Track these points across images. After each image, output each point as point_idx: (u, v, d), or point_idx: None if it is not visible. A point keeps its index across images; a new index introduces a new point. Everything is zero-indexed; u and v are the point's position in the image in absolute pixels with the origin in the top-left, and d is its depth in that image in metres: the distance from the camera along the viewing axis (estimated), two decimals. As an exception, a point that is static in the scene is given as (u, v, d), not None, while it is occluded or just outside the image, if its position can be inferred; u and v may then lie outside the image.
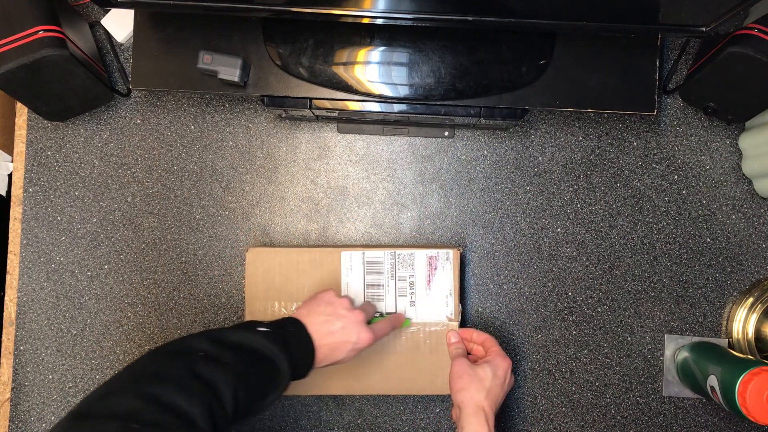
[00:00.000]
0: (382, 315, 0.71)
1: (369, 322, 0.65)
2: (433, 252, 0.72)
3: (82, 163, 0.77)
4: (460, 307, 0.72)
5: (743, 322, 0.75)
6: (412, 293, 0.72)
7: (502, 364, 0.65)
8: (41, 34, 0.62)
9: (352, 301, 0.65)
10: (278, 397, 0.56)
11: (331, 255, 0.72)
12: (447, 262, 0.72)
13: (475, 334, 0.70)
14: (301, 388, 0.71)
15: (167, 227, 0.77)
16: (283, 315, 0.71)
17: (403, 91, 0.67)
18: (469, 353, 0.70)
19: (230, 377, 0.50)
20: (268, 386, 0.55)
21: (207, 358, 0.51)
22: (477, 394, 0.62)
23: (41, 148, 0.77)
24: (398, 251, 0.72)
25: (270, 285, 0.71)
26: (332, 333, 0.61)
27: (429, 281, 0.72)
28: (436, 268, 0.72)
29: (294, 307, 0.71)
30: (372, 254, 0.72)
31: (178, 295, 0.76)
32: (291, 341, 0.58)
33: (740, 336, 0.75)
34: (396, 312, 0.71)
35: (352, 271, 0.72)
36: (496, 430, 0.73)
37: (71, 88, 0.69)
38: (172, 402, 0.46)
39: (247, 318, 0.72)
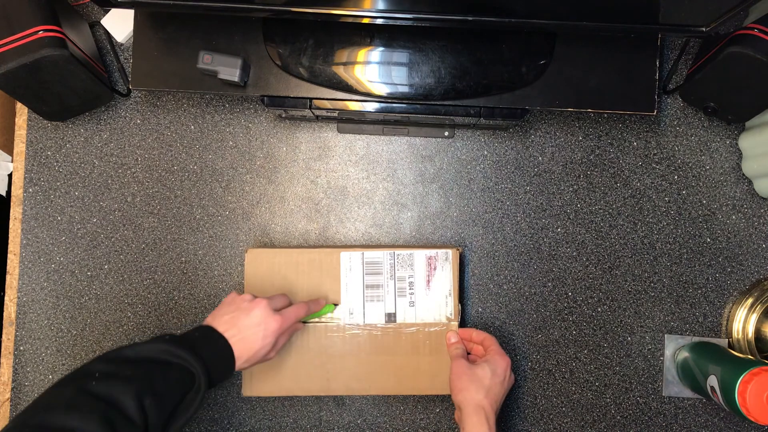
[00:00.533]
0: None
1: None
2: (432, 252, 0.72)
3: (82, 163, 0.77)
4: (459, 307, 0.72)
5: (743, 322, 0.75)
6: (411, 293, 0.72)
7: (501, 363, 0.65)
8: (41, 34, 0.62)
9: (253, 295, 0.64)
10: (201, 400, 0.55)
11: (330, 255, 0.72)
12: (446, 262, 0.72)
13: (474, 334, 0.70)
14: (301, 389, 0.71)
15: (167, 227, 0.77)
16: (310, 300, 0.70)
17: (403, 91, 0.67)
18: (469, 353, 0.71)
19: (131, 388, 0.50)
20: (183, 392, 0.54)
21: (102, 376, 0.51)
22: (476, 393, 0.62)
23: (41, 148, 0.77)
24: (397, 251, 0.72)
25: (269, 286, 0.71)
26: (241, 327, 0.60)
27: (428, 281, 0.72)
28: (435, 268, 0.72)
29: None
30: (371, 254, 0.72)
31: (178, 295, 0.76)
32: (198, 343, 0.57)
33: (740, 336, 0.75)
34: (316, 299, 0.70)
35: (352, 271, 0.72)
36: (497, 430, 0.73)
37: (71, 88, 0.69)
38: (60, 425, 0.46)
39: None
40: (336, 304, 0.71)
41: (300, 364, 0.71)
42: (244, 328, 0.60)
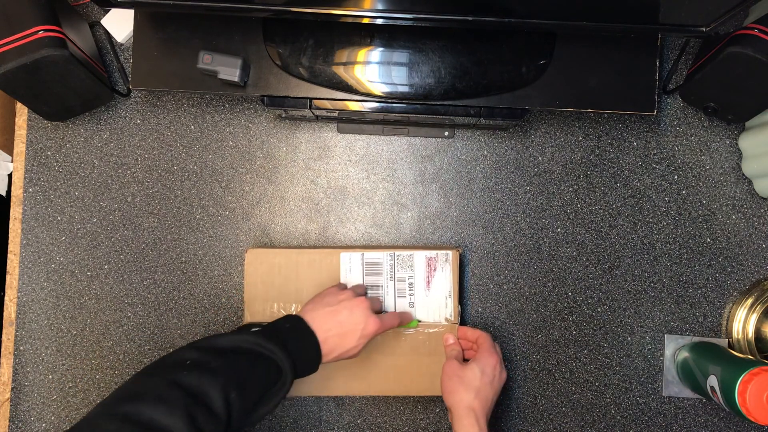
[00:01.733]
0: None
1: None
2: (432, 253, 0.72)
3: (82, 163, 0.77)
4: (459, 309, 0.72)
5: (743, 322, 0.75)
6: (411, 294, 0.72)
7: (489, 361, 0.64)
8: (41, 34, 0.62)
9: (355, 292, 0.65)
10: (285, 394, 0.56)
11: (330, 256, 0.72)
12: (446, 263, 0.72)
13: (469, 332, 0.70)
14: (301, 389, 0.71)
15: (167, 227, 0.77)
16: (282, 316, 0.71)
17: (403, 91, 0.67)
18: (467, 351, 0.70)
19: (219, 381, 0.50)
20: (269, 384, 0.55)
21: (192, 366, 0.51)
22: (466, 395, 0.62)
23: (41, 148, 0.77)
24: (397, 252, 0.72)
25: (269, 286, 0.71)
26: (340, 323, 0.61)
27: (428, 282, 0.72)
28: (435, 269, 0.72)
29: (293, 308, 0.71)
30: (371, 255, 0.72)
31: (178, 295, 0.76)
32: (287, 336, 0.58)
33: (740, 336, 0.75)
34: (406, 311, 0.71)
35: (351, 272, 0.72)
36: (496, 430, 0.73)
37: (71, 88, 0.69)
38: (147, 417, 0.46)
39: (246, 319, 0.72)
40: (419, 321, 0.71)
41: None
42: (343, 324, 0.61)
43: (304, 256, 0.72)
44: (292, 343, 0.57)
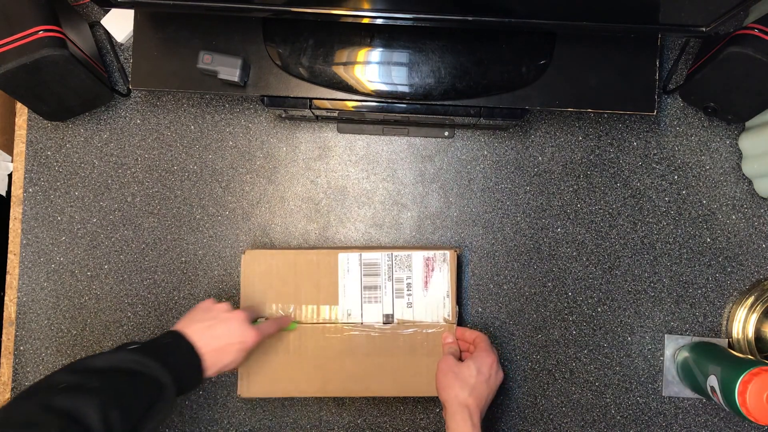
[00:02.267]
0: (264, 319, 0.71)
1: (254, 323, 0.65)
2: (430, 253, 0.72)
3: (82, 163, 0.77)
4: (457, 309, 0.72)
5: (743, 322, 0.75)
6: (409, 294, 0.72)
7: (486, 360, 0.65)
8: (41, 34, 0.62)
9: (231, 305, 0.64)
10: (169, 409, 0.55)
11: (328, 257, 0.72)
12: (444, 263, 0.72)
13: (467, 333, 0.70)
14: (301, 390, 0.71)
15: (167, 227, 0.77)
16: (280, 317, 0.71)
17: (403, 91, 0.67)
18: (464, 352, 0.71)
19: (96, 401, 0.49)
20: (151, 400, 0.53)
21: (67, 389, 0.50)
22: (461, 391, 0.62)
23: (41, 148, 0.77)
24: (395, 253, 0.72)
25: (267, 287, 0.71)
26: (217, 337, 0.60)
27: (426, 282, 0.72)
28: (433, 270, 0.72)
29: (291, 309, 0.71)
30: (369, 256, 0.72)
31: (178, 295, 0.76)
32: (167, 351, 0.57)
33: (740, 336, 0.75)
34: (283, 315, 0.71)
35: (349, 272, 0.72)
36: (496, 430, 0.73)
37: (71, 88, 0.69)
38: None
39: None
40: (298, 323, 0.71)
41: (297, 365, 0.71)
42: (221, 338, 0.60)
43: (302, 256, 0.72)
44: (173, 357, 0.57)
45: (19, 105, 0.77)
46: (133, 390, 0.52)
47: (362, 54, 0.67)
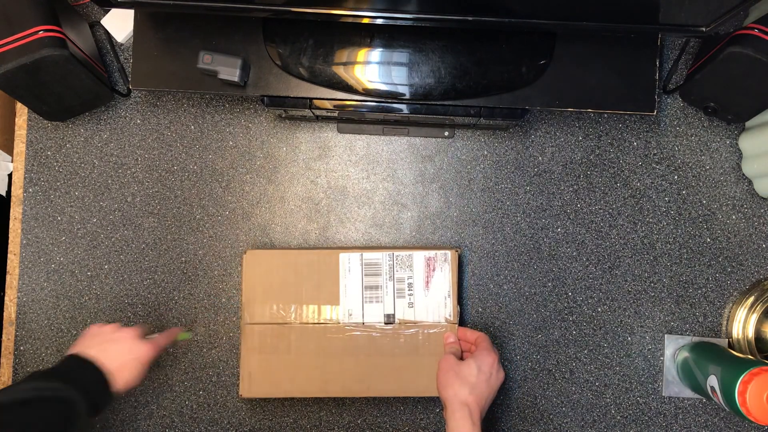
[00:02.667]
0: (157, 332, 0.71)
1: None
2: (431, 253, 0.72)
3: (82, 163, 0.77)
4: (458, 308, 0.72)
5: (743, 322, 0.75)
6: (410, 294, 0.72)
7: (487, 359, 0.65)
8: (41, 34, 0.62)
9: (119, 325, 0.65)
10: (87, 422, 0.56)
11: (329, 257, 0.72)
12: (445, 263, 0.72)
13: (468, 333, 0.70)
14: (301, 390, 0.71)
15: (167, 227, 0.77)
16: (281, 317, 0.71)
17: (403, 91, 0.67)
18: (464, 353, 0.71)
19: None
20: (64, 422, 0.54)
21: None
22: (461, 390, 0.62)
23: (41, 148, 0.77)
24: (396, 253, 0.72)
25: (268, 288, 0.71)
26: (112, 358, 0.61)
27: (427, 282, 0.72)
28: (434, 270, 0.72)
29: (292, 309, 0.71)
30: (370, 256, 0.72)
31: (178, 295, 0.76)
32: (68, 370, 0.58)
33: (740, 336, 0.75)
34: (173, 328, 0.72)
35: (351, 272, 0.72)
36: (496, 430, 0.73)
37: (71, 88, 0.69)
38: None
39: (245, 321, 0.72)
40: (190, 331, 0.74)
41: (298, 365, 0.71)
42: (116, 357, 0.61)
43: (303, 257, 0.72)
44: (74, 374, 0.58)
45: (19, 105, 0.77)
46: (41, 417, 0.53)
47: (362, 54, 0.67)
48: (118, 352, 0.61)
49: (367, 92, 0.67)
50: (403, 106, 0.68)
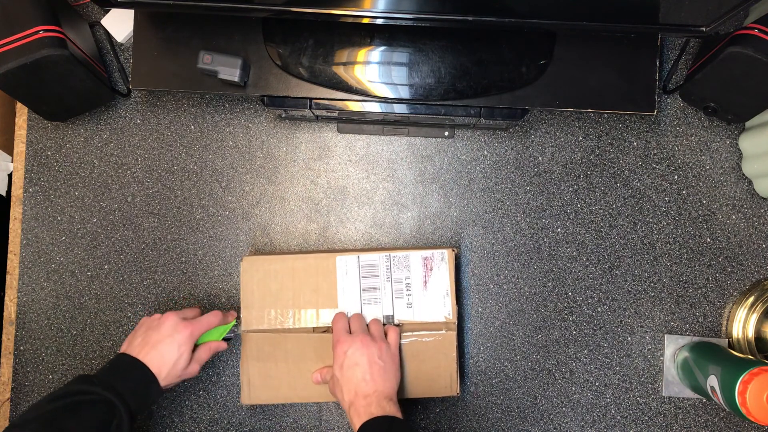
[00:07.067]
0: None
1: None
2: (428, 253, 0.72)
3: (82, 163, 0.77)
4: (457, 307, 0.72)
5: (743, 322, 0.75)
6: (408, 294, 0.72)
7: (334, 354, 0.66)
8: (41, 34, 0.62)
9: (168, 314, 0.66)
10: (128, 426, 0.57)
11: (326, 260, 0.72)
12: (442, 262, 0.72)
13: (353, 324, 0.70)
14: (301, 395, 0.71)
15: (167, 227, 0.77)
16: (279, 322, 0.71)
17: (403, 91, 0.67)
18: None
19: None
20: (103, 423, 0.56)
21: None
22: (341, 396, 0.64)
23: (41, 148, 0.77)
24: (393, 253, 0.72)
25: (266, 293, 0.71)
26: (154, 344, 0.62)
27: (425, 282, 0.72)
28: (431, 269, 0.72)
29: (290, 314, 0.71)
30: (367, 258, 0.72)
31: (178, 295, 0.76)
32: (110, 373, 0.60)
33: (740, 336, 0.75)
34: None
35: (348, 275, 0.72)
36: (496, 429, 0.73)
37: (71, 88, 0.69)
38: None
39: (243, 325, 0.71)
40: (239, 318, 0.73)
41: (298, 371, 0.70)
42: (157, 342, 0.62)
43: (300, 261, 0.72)
44: (116, 376, 0.59)
45: (19, 105, 0.77)
46: (80, 423, 0.55)
47: (362, 54, 0.67)
48: (158, 338, 0.62)
49: (367, 92, 0.67)
50: (403, 106, 0.68)
